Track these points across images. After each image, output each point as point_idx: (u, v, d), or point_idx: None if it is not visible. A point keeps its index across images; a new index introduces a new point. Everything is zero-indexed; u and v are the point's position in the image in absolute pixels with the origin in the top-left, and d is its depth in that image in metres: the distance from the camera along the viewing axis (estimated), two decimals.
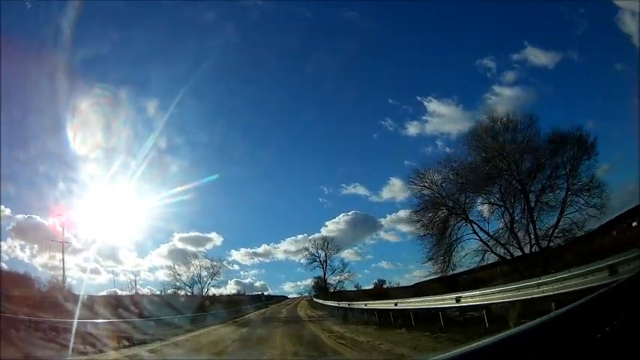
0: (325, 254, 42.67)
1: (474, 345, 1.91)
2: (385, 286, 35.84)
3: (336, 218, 40.53)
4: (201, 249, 40.37)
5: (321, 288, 45.97)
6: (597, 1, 27.59)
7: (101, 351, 10.67)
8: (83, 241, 28.47)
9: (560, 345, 1.57)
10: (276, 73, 44.08)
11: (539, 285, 7.88)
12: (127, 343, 12.19)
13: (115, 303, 18.66)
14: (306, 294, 47.98)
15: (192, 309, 24.55)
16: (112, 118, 25.22)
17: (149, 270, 43.16)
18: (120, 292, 27.85)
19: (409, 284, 33.01)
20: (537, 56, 31.66)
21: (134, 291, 28.72)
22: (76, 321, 11.38)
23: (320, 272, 43.88)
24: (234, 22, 39.10)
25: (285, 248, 40.96)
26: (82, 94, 24.96)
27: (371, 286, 37.85)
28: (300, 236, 41.74)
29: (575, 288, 6.67)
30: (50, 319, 12.21)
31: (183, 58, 35.96)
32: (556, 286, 7.24)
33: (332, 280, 43.35)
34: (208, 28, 37.07)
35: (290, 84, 43.43)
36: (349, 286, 40.26)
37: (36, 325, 11.50)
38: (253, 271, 46.90)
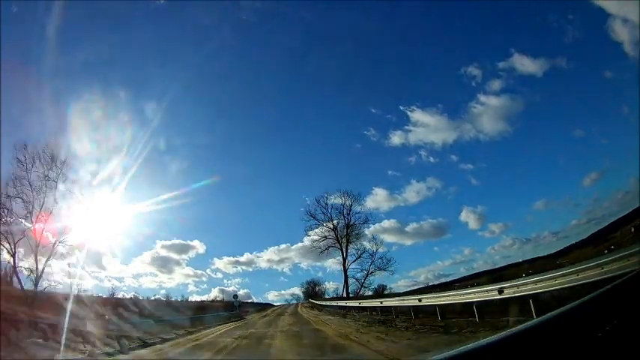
0: (346, 224, 34.78)
1: (474, 345, 1.91)
2: (386, 292, 34.12)
3: (319, 228, 38.03)
4: (185, 257, 39.83)
5: (313, 294, 41.54)
6: (587, 9, 27.49)
7: None
8: (67, 247, 27.89)
9: (561, 345, 1.57)
10: (261, 84, 43.68)
11: None
12: None
13: None
14: (294, 302, 45.57)
15: None
16: (99, 125, 25.15)
17: (133, 277, 42.80)
18: None
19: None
20: (525, 64, 31.48)
21: None
22: None
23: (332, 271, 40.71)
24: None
25: (268, 257, 40.09)
26: (70, 101, 24.85)
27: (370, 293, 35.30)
28: (282, 246, 40.84)
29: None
30: None
31: (181, 61, 35.97)
32: None
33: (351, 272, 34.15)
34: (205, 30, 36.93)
35: (272, 95, 43.07)
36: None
37: None
38: (237, 280, 46.37)
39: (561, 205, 39.11)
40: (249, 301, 40.44)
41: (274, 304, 46.66)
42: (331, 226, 36.02)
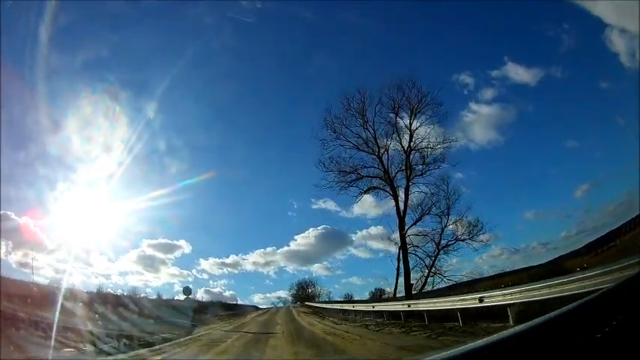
0: (406, 147, 17.59)
1: (474, 344, 1.91)
2: (384, 296, 31.20)
3: (305, 232, 37.61)
4: (170, 256, 39.73)
5: (305, 297, 40.03)
6: (584, 18, 27.25)
7: None
8: (56, 242, 27.92)
9: (560, 345, 1.56)
10: (252, 87, 42.76)
11: None
12: None
13: None
14: (281, 305, 44.30)
15: None
16: (90, 123, 25.01)
17: (119, 274, 42.99)
18: None
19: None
20: (518, 73, 30.76)
21: None
22: None
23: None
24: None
25: (254, 260, 39.16)
26: (63, 97, 24.71)
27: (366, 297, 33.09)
28: (268, 249, 39.54)
29: None
30: None
31: (179, 61, 35.58)
32: None
33: (414, 236, 17.99)
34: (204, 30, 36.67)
35: (261, 99, 42.27)
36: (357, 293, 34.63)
37: None
38: (222, 281, 46.02)
39: (552, 216, 38.76)
40: (233, 302, 39.62)
41: (260, 306, 45.51)
42: (375, 150, 18.93)
